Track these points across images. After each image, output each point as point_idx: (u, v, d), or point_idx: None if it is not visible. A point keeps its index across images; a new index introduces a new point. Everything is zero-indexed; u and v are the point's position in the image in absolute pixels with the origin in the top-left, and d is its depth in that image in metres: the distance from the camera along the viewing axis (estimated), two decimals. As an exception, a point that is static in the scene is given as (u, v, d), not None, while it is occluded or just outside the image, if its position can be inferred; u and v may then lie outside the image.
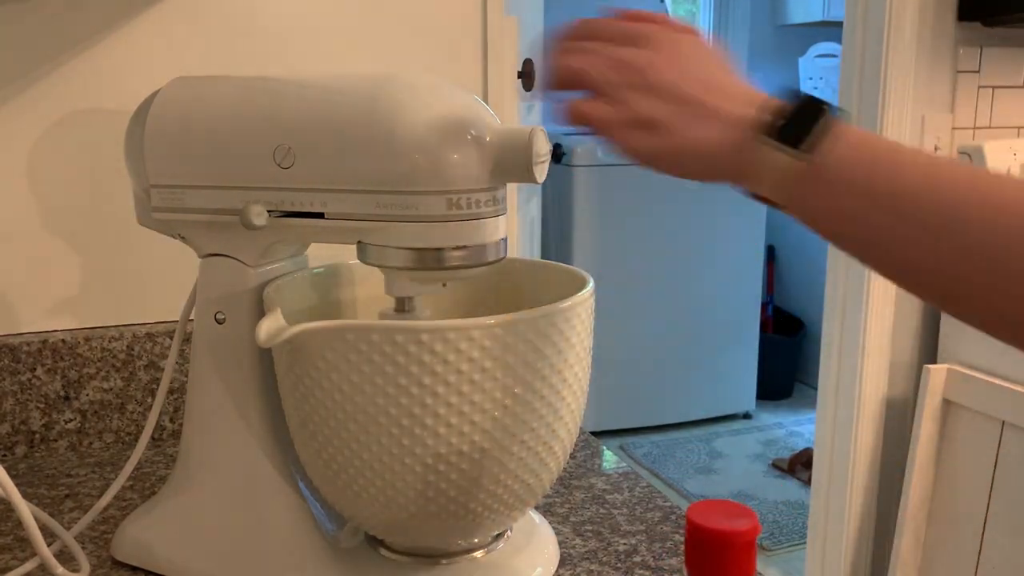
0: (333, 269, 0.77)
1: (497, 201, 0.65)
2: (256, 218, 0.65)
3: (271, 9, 1.01)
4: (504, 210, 0.66)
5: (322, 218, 0.65)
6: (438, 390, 0.60)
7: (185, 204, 0.70)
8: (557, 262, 0.76)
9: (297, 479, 0.71)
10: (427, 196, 0.62)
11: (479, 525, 0.67)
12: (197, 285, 0.73)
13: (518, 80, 1.27)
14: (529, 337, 0.61)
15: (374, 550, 0.71)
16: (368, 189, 0.63)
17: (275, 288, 0.69)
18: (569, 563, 0.75)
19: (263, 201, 0.66)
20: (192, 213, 0.70)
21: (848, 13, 1.97)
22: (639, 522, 0.82)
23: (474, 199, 0.63)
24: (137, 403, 0.99)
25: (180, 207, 0.70)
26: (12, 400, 0.95)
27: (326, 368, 0.61)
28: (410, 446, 0.61)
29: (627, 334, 3.24)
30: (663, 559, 0.75)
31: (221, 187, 0.68)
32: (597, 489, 0.88)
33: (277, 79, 0.70)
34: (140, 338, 0.98)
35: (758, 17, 4.07)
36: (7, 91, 0.94)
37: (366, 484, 0.63)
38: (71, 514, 0.84)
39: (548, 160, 0.65)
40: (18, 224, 0.96)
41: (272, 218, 0.67)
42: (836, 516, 2.10)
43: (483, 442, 0.61)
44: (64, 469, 0.93)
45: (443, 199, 0.62)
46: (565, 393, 0.65)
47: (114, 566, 0.75)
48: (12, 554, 0.76)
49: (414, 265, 0.64)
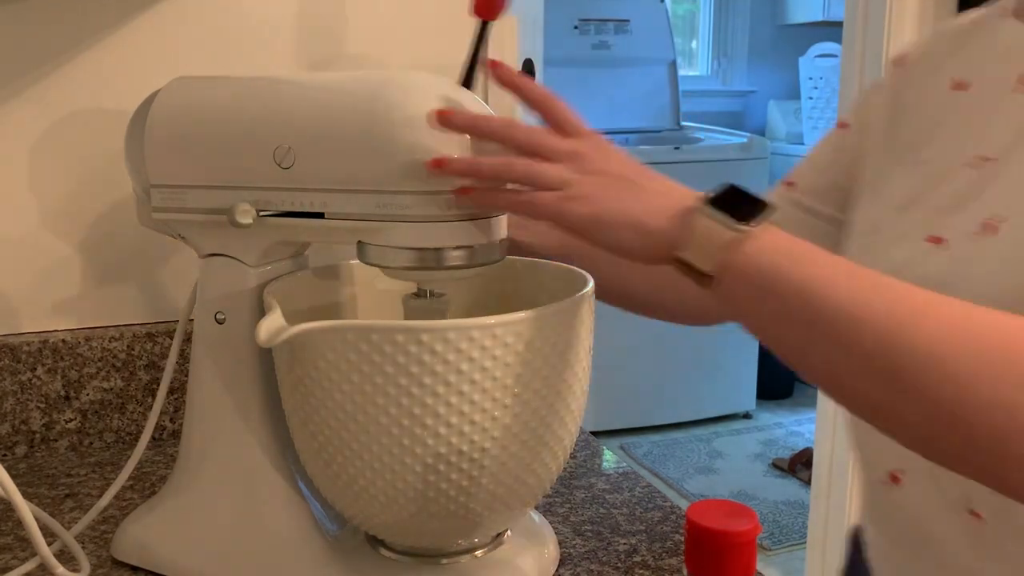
0: (333, 269, 0.77)
1: None
2: (242, 216, 0.65)
3: (271, 9, 1.01)
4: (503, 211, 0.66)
5: (322, 218, 0.65)
6: (438, 390, 0.60)
7: (185, 204, 0.70)
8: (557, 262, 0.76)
9: (297, 479, 0.71)
10: (426, 196, 0.62)
11: (479, 525, 0.67)
12: (197, 285, 0.73)
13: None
14: (529, 337, 0.61)
15: (374, 550, 0.71)
16: (368, 189, 0.63)
17: (275, 288, 0.69)
18: (569, 563, 0.75)
19: (263, 201, 0.66)
20: (192, 213, 0.70)
21: (848, 13, 1.97)
22: (639, 522, 0.82)
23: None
24: (137, 403, 0.99)
25: (180, 207, 0.70)
26: (12, 400, 0.95)
27: (326, 368, 0.61)
28: (410, 446, 0.61)
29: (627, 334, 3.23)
30: (663, 559, 0.75)
31: (221, 187, 0.68)
32: (597, 489, 0.88)
33: (277, 79, 0.70)
34: (140, 338, 0.98)
35: (758, 17, 4.07)
36: (7, 91, 0.94)
37: (366, 484, 0.63)
38: (71, 514, 0.84)
39: None
40: (18, 224, 0.96)
41: (272, 218, 0.67)
42: (836, 516, 2.10)
43: (483, 442, 0.61)
44: (64, 469, 0.93)
45: (442, 199, 0.62)
46: (565, 393, 0.65)
47: (114, 566, 0.75)
48: (12, 554, 0.76)
49: (414, 265, 0.64)
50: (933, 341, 0.50)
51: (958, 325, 0.51)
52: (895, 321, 0.51)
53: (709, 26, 4.11)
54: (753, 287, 0.55)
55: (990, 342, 0.50)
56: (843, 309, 0.52)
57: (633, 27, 3.54)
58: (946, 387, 0.50)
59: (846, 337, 0.52)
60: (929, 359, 0.50)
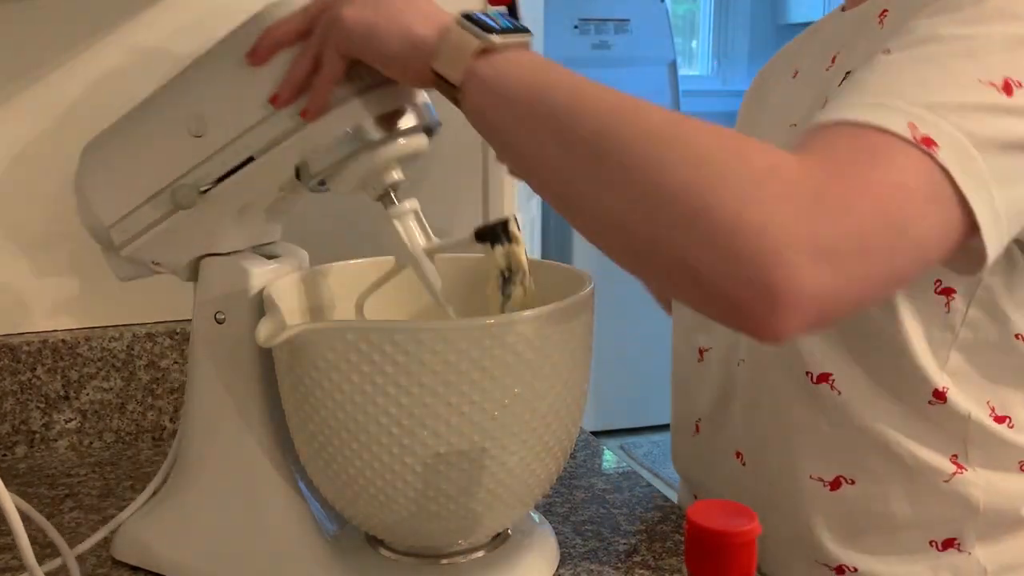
0: (333, 269, 0.77)
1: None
2: (185, 198, 0.68)
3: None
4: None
5: (253, 161, 0.67)
6: (438, 390, 0.60)
7: (140, 224, 0.71)
8: (557, 262, 0.76)
9: (297, 479, 0.71)
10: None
11: (479, 525, 0.67)
12: (197, 285, 0.73)
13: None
14: (529, 337, 0.61)
15: (374, 550, 0.71)
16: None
17: (275, 288, 0.69)
18: (569, 563, 0.75)
19: (201, 178, 0.68)
20: (151, 229, 0.71)
21: (848, 13, 1.97)
22: (639, 522, 0.81)
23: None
24: (137, 403, 0.99)
25: (139, 230, 0.71)
26: (12, 400, 0.95)
27: (326, 368, 0.61)
28: (410, 446, 0.61)
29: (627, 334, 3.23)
30: (663, 559, 0.75)
31: (163, 189, 0.69)
32: (597, 489, 0.88)
33: (172, 79, 0.73)
34: (140, 338, 0.98)
35: (759, 16, 4.07)
36: (7, 91, 0.94)
37: (366, 484, 0.63)
38: (71, 514, 0.84)
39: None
40: (18, 224, 0.96)
41: (216, 189, 0.68)
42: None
43: (483, 442, 0.61)
44: (64, 469, 0.93)
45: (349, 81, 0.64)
46: (565, 393, 0.65)
47: (114, 566, 0.75)
48: (12, 554, 0.76)
49: (355, 146, 0.65)
50: (643, 134, 0.53)
51: (669, 120, 0.54)
52: (614, 116, 0.55)
53: (709, 26, 4.11)
54: (492, 94, 0.59)
55: (689, 135, 0.53)
56: (565, 104, 0.56)
57: (633, 27, 3.54)
58: (647, 173, 0.52)
59: (568, 131, 0.55)
60: (635, 146, 0.53)
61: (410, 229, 0.68)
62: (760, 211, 0.49)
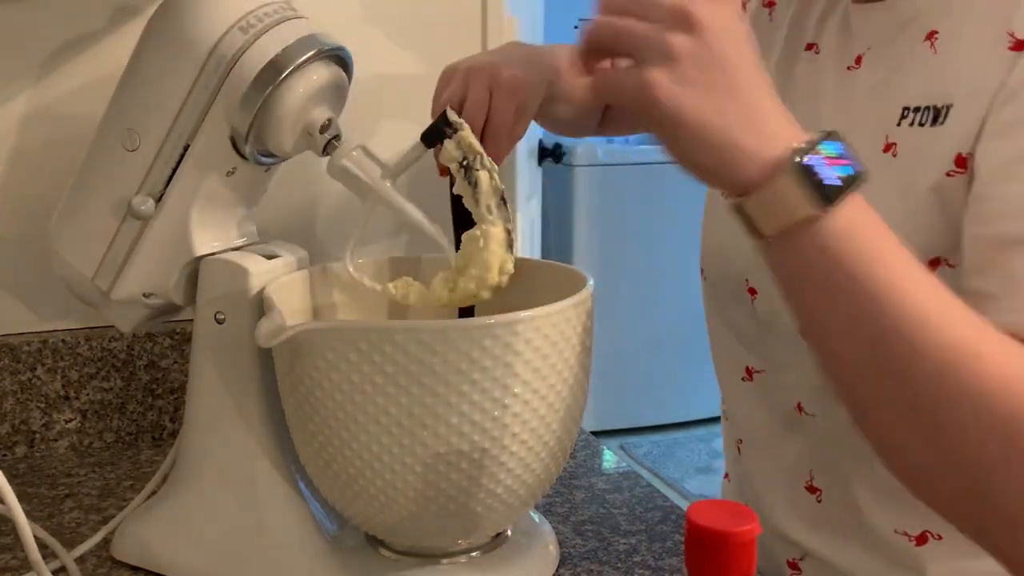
0: (333, 269, 0.77)
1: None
2: (144, 213, 0.69)
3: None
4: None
5: (189, 148, 0.68)
6: (438, 390, 0.60)
7: (119, 258, 0.72)
8: (557, 262, 0.76)
9: (297, 479, 0.72)
10: (229, 35, 0.66)
11: (479, 525, 0.67)
12: (197, 285, 0.73)
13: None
14: (529, 337, 0.61)
15: (374, 550, 0.71)
16: (191, 81, 0.67)
17: (275, 288, 0.69)
18: (569, 563, 0.75)
19: (151, 190, 0.70)
20: (129, 259, 0.72)
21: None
22: (639, 522, 0.82)
23: (263, 11, 0.67)
24: (137, 403, 0.99)
25: (118, 264, 0.72)
26: (12, 400, 0.95)
27: (326, 368, 0.61)
28: (410, 446, 0.61)
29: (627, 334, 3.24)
30: (663, 559, 0.75)
31: (125, 215, 0.70)
32: (597, 489, 0.88)
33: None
34: (140, 338, 0.98)
35: (758, 17, 4.07)
36: (7, 91, 0.94)
37: (366, 484, 0.63)
38: (71, 514, 0.84)
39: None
40: (18, 224, 0.96)
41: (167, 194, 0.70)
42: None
43: (483, 442, 0.61)
44: (64, 469, 0.93)
45: (237, 30, 0.66)
46: (565, 393, 0.65)
47: (114, 566, 0.75)
48: (12, 554, 0.76)
49: (263, 93, 0.66)
50: (985, 410, 0.48)
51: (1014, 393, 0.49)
52: (951, 372, 0.49)
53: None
54: (807, 265, 0.52)
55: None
56: (893, 321, 0.50)
57: (633, 27, 3.53)
58: (980, 466, 0.49)
59: (897, 360, 0.50)
60: (973, 433, 0.48)
61: (363, 162, 0.69)
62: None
